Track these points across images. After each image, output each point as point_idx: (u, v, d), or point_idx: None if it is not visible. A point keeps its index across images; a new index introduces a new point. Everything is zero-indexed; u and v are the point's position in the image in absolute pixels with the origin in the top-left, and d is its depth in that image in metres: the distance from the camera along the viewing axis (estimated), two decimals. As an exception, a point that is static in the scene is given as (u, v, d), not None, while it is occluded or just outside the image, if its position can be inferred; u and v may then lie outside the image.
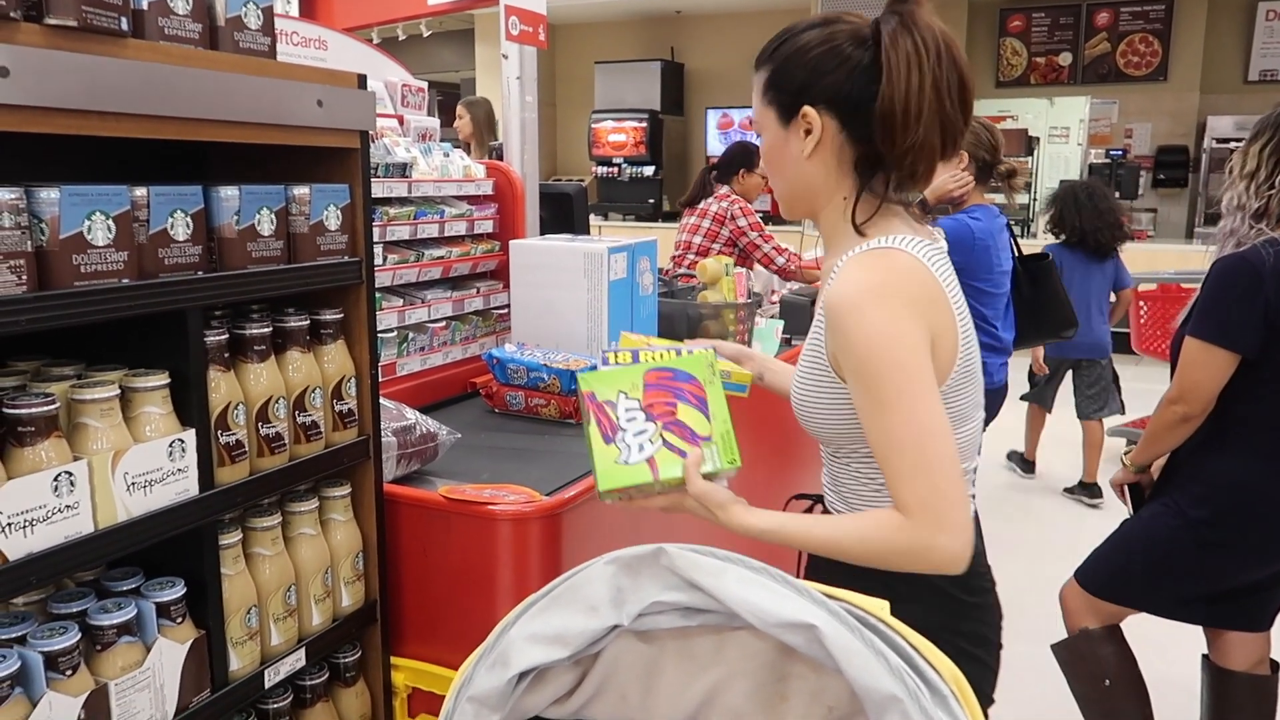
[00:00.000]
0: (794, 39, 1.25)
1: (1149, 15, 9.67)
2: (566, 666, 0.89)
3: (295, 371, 1.50)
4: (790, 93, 1.24)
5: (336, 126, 1.51)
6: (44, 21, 1.09)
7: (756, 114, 1.30)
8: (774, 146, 1.29)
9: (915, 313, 1.15)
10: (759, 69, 1.29)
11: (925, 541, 1.11)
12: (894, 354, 1.13)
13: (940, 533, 1.11)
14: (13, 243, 1.07)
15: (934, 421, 1.13)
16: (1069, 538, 4.05)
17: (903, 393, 1.12)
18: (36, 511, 1.11)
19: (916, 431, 1.12)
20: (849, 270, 1.19)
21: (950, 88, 1.18)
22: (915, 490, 1.12)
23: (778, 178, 1.31)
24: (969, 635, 1.29)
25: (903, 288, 1.16)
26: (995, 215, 3.05)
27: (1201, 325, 1.99)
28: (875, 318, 1.14)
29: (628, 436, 1.23)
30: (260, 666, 1.47)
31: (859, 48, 1.21)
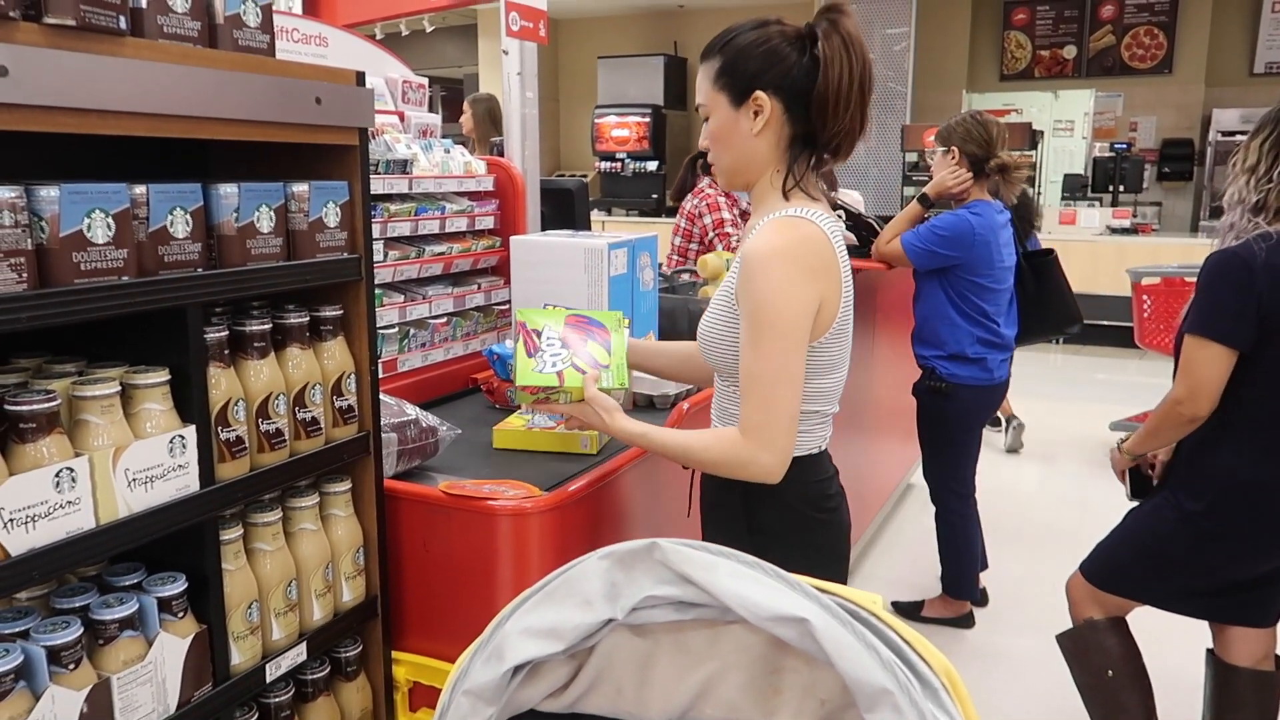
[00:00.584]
0: (741, 36, 1.49)
1: (1154, 8, 9.64)
2: (561, 660, 0.90)
3: (295, 368, 1.51)
4: (743, 79, 1.47)
5: (335, 124, 1.52)
6: (43, 21, 1.09)
7: (706, 98, 1.52)
8: (724, 125, 1.51)
9: (809, 279, 1.42)
10: (707, 59, 1.52)
11: (751, 455, 1.42)
12: (779, 309, 1.40)
13: (763, 451, 1.41)
14: (13, 241, 1.08)
15: (790, 370, 1.41)
16: (1071, 530, 4.05)
17: (774, 340, 1.40)
18: (38, 507, 1.12)
19: (773, 372, 1.40)
20: (766, 231, 1.45)
21: (866, 83, 1.45)
22: (754, 415, 1.41)
23: (725, 152, 1.54)
24: (819, 546, 1.56)
25: (805, 256, 1.42)
26: (998, 211, 3.05)
27: (1196, 321, 1.98)
28: (776, 275, 1.40)
29: (545, 355, 1.62)
30: (261, 661, 1.48)
31: (796, 46, 1.46)
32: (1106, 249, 7.89)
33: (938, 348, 3.07)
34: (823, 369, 1.50)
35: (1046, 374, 7.42)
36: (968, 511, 3.25)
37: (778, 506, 1.52)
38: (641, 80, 10.70)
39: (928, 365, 3.11)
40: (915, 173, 8.98)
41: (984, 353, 3.04)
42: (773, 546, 1.45)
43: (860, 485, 3.62)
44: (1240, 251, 1.92)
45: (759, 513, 1.54)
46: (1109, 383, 7.23)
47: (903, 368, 3.54)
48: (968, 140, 3.01)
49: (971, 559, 3.28)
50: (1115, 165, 9.00)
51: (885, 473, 4.08)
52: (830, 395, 1.55)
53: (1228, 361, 1.96)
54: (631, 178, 10.53)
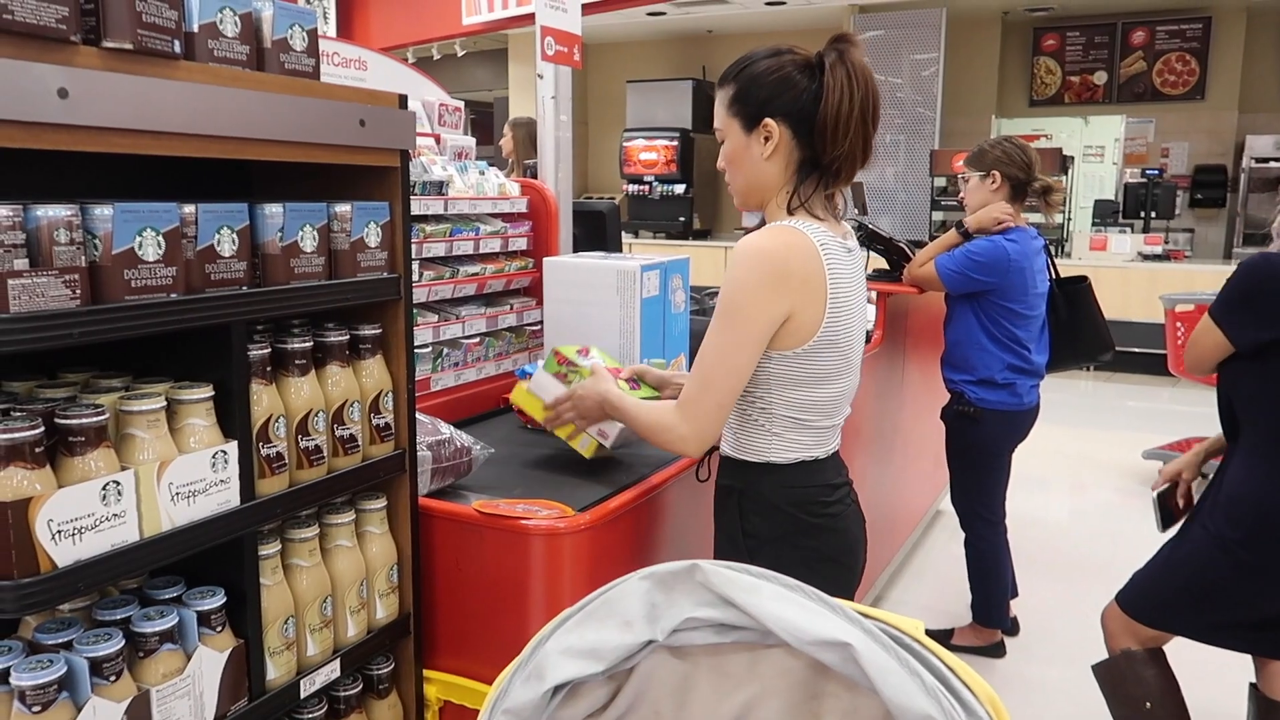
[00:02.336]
0: (754, 65, 1.55)
1: (1186, 34, 9.59)
2: (600, 681, 0.89)
3: (334, 385, 1.53)
4: (754, 105, 1.54)
5: (378, 145, 1.54)
6: (101, 45, 1.12)
7: (721, 123, 1.61)
8: (737, 149, 1.59)
9: (779, 286, 1.47)
10: (723, 87, 1.60)
11: (672, 424, 1.54)
12: (740, 303, 1.48)
13: (684, 424, 1.52)
14: (68, 258, 1.10)
15: (731, 362, 1.49)
16: (1103, 559, 4.00)
17: (727, 330, 1.49)
18: (85, 520, 1.14)
19: (717, 358, 1.50)
20: (757, 233, 1.53)
21: (869, 111, 1.52)
22: (690, 390, 1.52)
23: (738, 174, 1.62)
24: (814, 549, 1.60)
25: (783, 260, 1.48)
26: (1032, 237, 3.03)
27: (1215, 303, 2.09)
28: (746, 272, 1.48)
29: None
30: (296, 676, 1.49)
31: (806, 74, 1.52)
32: (1138, 275, 7.82)
33: (967, 372, 3.06)
34: (812, 380, 1.54)
35: (1078, 401, 7.34)
36: (997, 538, 3.22)
37: (765, 510, 1.59)
38: (670, 104, 10.76)
39: (957, 390, 3.09)
40: (944, 197, 8.96)
41: (1013, 378, 3.02)
42: (762, 550, 1.59)
43: (888, 510, 3.60)
44: (1273, 257, 1.95)
45: (750, 516, 1.61)
46: (1141, 410, 7.15)
47: (932, 392, 3.52)
48: (1009, 164, 3.00)
49: (1001, 587, 3.24)
50: (1147, 191, 8.93)
51: (914, 498, 4.05)
52: (823, 407, 1.58)
53: (1223, 350, 2.06)
54: (659, 201, 10.57)
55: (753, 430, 1.59)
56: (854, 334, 1.59)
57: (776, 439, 1.57)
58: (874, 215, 9.23)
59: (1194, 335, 2.12)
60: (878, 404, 3.35)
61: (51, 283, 1.08)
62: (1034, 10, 9.86)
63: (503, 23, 7.80)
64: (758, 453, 1.59)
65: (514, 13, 7.47)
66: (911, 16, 9.41)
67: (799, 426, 1.57)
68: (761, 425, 1.57)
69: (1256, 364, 2.02)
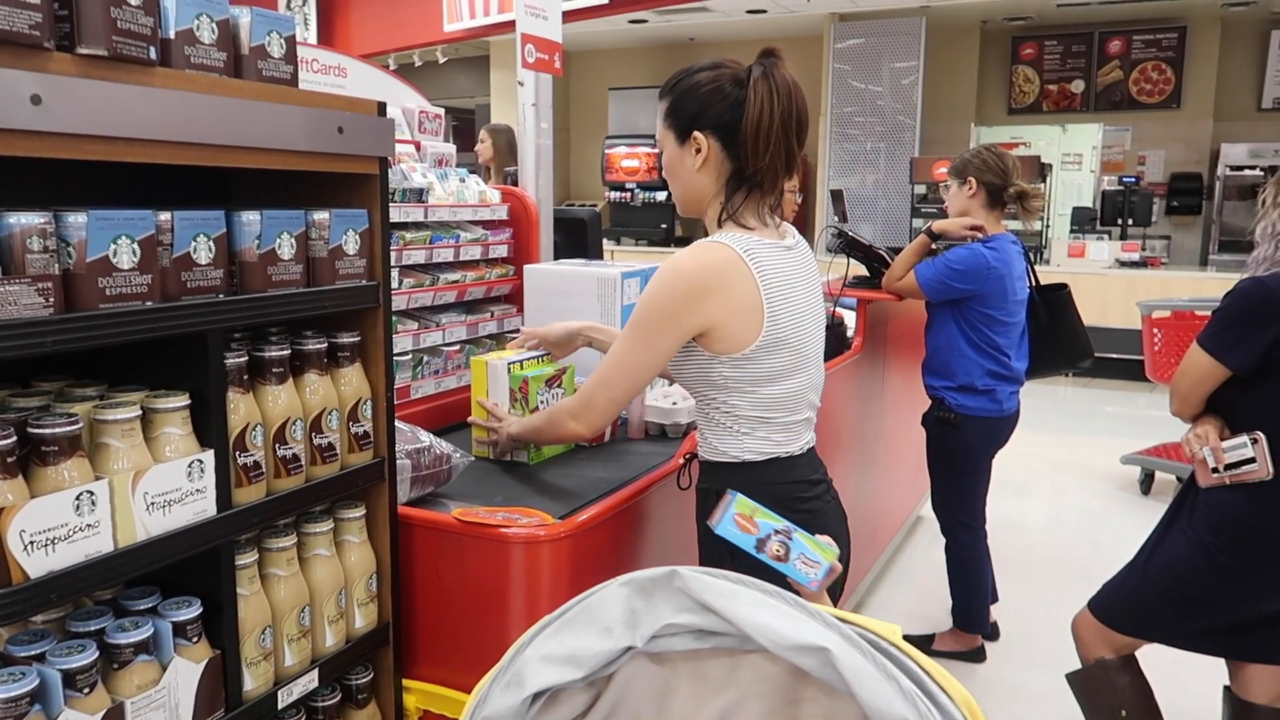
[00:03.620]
0: (689, 79, 1.60)
1: (1161, 43, 9.71)
2: (580, 688, 0.89)
3: (313, 393, 1.52)
4: (685, 119, 1.59)
5: (357, 153, 1.54)
6: (76, 51, 1.12)
7: (659, 134, 1.66)
8: (672, 160, 1.65)
9: (693, 302, 1.52)
10: (661, 99, 1.64)
11: (566, 414, 1.71)
12: (648, 316, 1.56)
13: (574, 419, 1.69)
14: (41, 265, 1.09)
15: (629, 367, 1.60)
16: (1082, 564, 4.02)
17: (632, 338, 1.58)
18: (58, 530, 1.12)
19: (619, 363, 1.60)
20: (682, 250, 1.58)
21: (791, 124, 1.56)
22: (585, 388, 1.66)
23: (675, 184, 1.67)
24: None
25: (699, 278, 1.53)
26: (1012, 244, 3.06)
27: (1204, 331, 2.08)
28: (659, 288, 1.55)
29: None
30: (274, 687, 1.48)
31: (737, 87, 1.56)
32: (1116, 282, 7.89)
33: (947, 378, 3.07)
34: (767, 378, 1.58)
35: (1056, 407, 7.40)
36: (978, 544, 3.23)
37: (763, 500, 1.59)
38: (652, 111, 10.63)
39: (937, 396, 3.11)
40: (924, 204, 9.02)
41: (993, 384, 3.04)
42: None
43: (869, 516, 3.61)
44: (1268, 282, 1.98)
45: None
46: (1119, 416, 7.21)
47: (912, 398, 3.54)
48: (984, 171, 3.03)
49: (982, 592, 3.25)
50: (1124, 199, 9.03)
51: (895, 504, 4.06)
52: (785, 403, 1.61)
53: (1218, 377, 2.05)
54: (641, 208, 10.59)
55: (721, 432, 1.62)
56: (805, 329, 1.61)
57: (746, 437, 1.60)
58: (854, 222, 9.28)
59: (1182, 368, 2.11)
60: (858, 410, 3.37)
61: (24, 291, 1.07)
62: (1012, 19, 9.95)
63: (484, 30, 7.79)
64: (730, 453, 1.61)
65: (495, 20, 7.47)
66: (891, 25, 9.48)
67: (765, 424, 1.60)
68: (728, 426, 1.60)
69: (1243, 387, 2.03)
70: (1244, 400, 2.05)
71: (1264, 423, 2.01)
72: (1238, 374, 2.02)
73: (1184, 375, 2.12)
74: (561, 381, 2.15)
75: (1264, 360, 1.98)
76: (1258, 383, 2.02)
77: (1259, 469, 1.99)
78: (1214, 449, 2.04)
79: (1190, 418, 2.16)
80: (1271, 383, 2.00)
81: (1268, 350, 1.96)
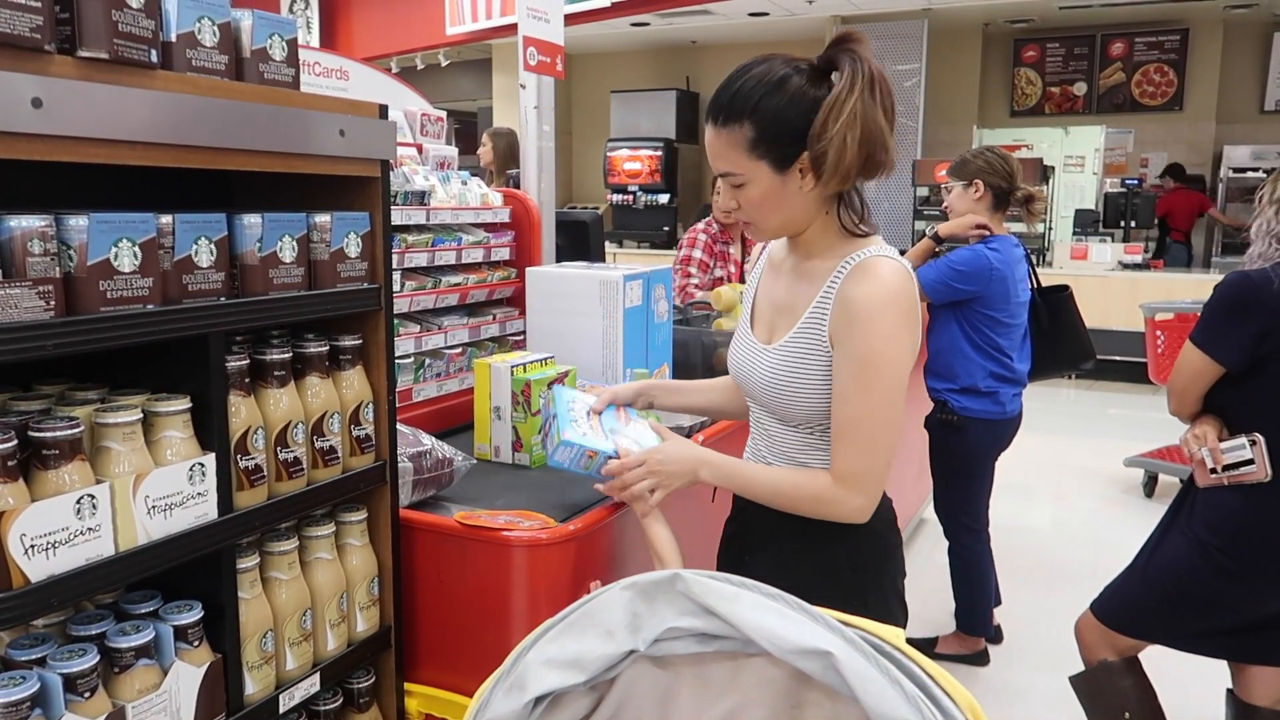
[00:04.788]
0: (767, 98, 1.36)
1: (1164, 45, 9.71)
2: (583, 691, 0.89)
3: (314, 397, 1.52)
4: (785, 145, 1.37)
5: (358, 155, 1.54)
6: (76, 54, 1.11)
7: (739, 167, 1.41)
8: (770, 191, 1.42)
9: (913, 326, 1.40)
10: (731, 125, 1.39)
11: (845, 498, 1.41)
12: (890, 357, 1.37)
13: (858, 495, 1.41)
14: (42, 269, 1.09)
15: (895, 417, 1.40)
16: (1085, 566, 4.02)
17: (884, 390, 1.38)
18: (59, 534, 1.12)
19: (881, 420, 1.39)
20: (868, 276, 1.39)
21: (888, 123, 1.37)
22: (855, 460, 1.40)
23: (773, 215, 1.45)
24: (892, 574, 1.55)
25: (910, 301, 1.40)
26: (1014, 245, 3.05)
27: (1195, 329, 2.09)
28: (892, 320, 1.37)
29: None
30: (275, 691, 1.47)
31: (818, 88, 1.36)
32: (1118, 284, 7.88)
33: (950, 380, 3.07)
34: None
35: (1059, 409, 7.39)
36: (981, 546, 3.23)
37: (870, 537, 1.50)
38: (654, 114, 10.80)
39: (940, 398, 3.10)
40: (926, 207, 9.01)
41: (996, 386, 3.03)
42: (870, 581, 1.51)
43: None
44: (1254, 275, 1.98)
45: (859, 548, 1.50)
46: (1122, 418, 7.19)
47: (915, 401, 3.53)
48: (991, 173, 3.03)
49: (985, 595, 3.25)
50: (1126, 201, 9.02)
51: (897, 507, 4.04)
52: None
53: (1211, 374, 2.07)
54: (643, 210, 10.59)
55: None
56: None
57: None
58: (857, 225, 9.26)
59: (1177, 366, 2.13)
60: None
61: (25, 294, 1.07)
62: (1014, 22, 9.95)
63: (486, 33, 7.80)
64: None
65: (497, 23, 7.48)
66: (894, 28, 9.48)
67: None
68: None
69: (1238, 385, 2.04)
70: (1239, 398, 2.05)
71: (1259, 419, 2.01)
72: (1230, 370, 2.03)
73: (1179, 373, 2.13)
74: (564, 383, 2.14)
75: (1255, 355, 1.98)
76: (1251, 379, 2.02)
77: (1257, 471, 1.99)
78: (1212, 450, 2.04)
79: (1188, 416, 2.16)
80: (1264, 379, 2.00)
81: (1257, 344, 1.97)
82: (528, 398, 2.06)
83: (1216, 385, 2.08)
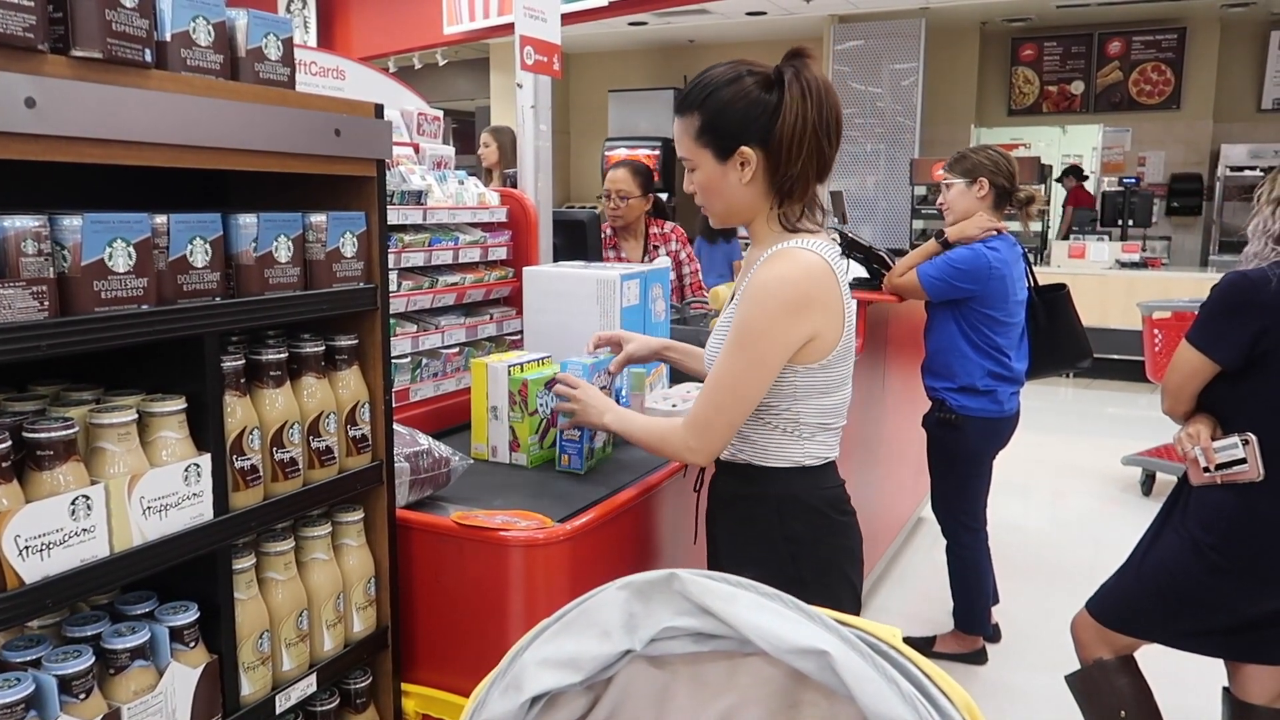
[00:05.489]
0: (719, 91, 1.52)
1: (1161, 44, 9.71)
2: (579, 691, 0.89)
3: (310, 397, 1.51)
4: (726, 137, 1.52)
5: (354, 155, 1.53)
6: (70, 53, 1.11)
7: (688, 152, 1.58)
8: (712, 178, 1.57)
9: (800, 314, 1.49)
10: (686, 114, 1.56)
11: (683, 443, 1.58)
12: (759, 335, 1.49)
13: (695, 440, 1.56)
14: (36, 269, 1.09)
15: (747, 391, 1.52)
16: (1083, 565, 4.02)
17: (745, 361, 1.51)
18: (53, 535, 1.12)
19: (733, 386, 1.52)
20: (774, 261, 1.51)
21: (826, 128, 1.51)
22: (703, 412, 1.55)
23: (716, 200, 1.60)
24: (844, 548, 1.66)
25: (805, 288, 1.50)
26: (1013, 245, 3.05)
27: (1192, 328, 2.09)
28: (768, 305, 1.49)
29: None
30: (271, 692, 1.47)
31: (768, 93, 1.50)
32: (1116, 283, 7.89)
33: (948, 379, 3.07)
34: (830, 387, 1.59)
35: (1057, 408, 7.39)
36: (979, 545, 3.23)
37: (806, 512, 1.61)
38: (651, 113, 10.80)
39: (938, 397, 3.10)
40: (924, 206, 9.02)
41: (994, 385, 3.03)
42: (804, 551, 1.61)
43: (870, 518, 3.60)
44: (1252, 275, 1.98)
45: (790, 521, 1.61)
46: (1120, 417, 7.20)
47: (913, 400, 3.53)
48: (996, 173, 3.02)
49: (983, 593, 3.25)
50: (1124, 200, 9.03)
51: (895, 506, 4.06)
52: (839, 410, 1.64)
53: (1206, 373, 2.07)
54: (641, 210, 10.58)
55: (781, 439, 1.60)
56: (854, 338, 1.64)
57: (807, 443, 1.60)
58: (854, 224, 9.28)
59: (1172, 364, 2.13)
60: (859, 412, 3.36)
61: (19, 294, 1.07)
62: (1012, 21, 9.96)
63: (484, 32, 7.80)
64: (790, 458, 1.60)
65: (495, 22, 7.48)
66: (891, 26, 9.48)
67: (824, 430, 1.62)
68: (790, 433, 1.60)
69: (1233, 384, 2.04)
70: (1233, 397, 2.05)
71: (1253, 419, 2.01)
72: (1225, 369, 2.03)
73: (1174, 371, 2.12)
74: None
75: (1250, 354, 1.98)
76: (1246, 378, 2.02)
77: (1249, 470, 1.99)
78: (1205, 448, 2.04)
79: (1182, 415, 2.16)
80: (1259, 378, 2.00)
81: (1253, 343, 1.97)
82: (525, 397, 2.05)
83: (1210, 384, 2.08)
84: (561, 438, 2.04)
